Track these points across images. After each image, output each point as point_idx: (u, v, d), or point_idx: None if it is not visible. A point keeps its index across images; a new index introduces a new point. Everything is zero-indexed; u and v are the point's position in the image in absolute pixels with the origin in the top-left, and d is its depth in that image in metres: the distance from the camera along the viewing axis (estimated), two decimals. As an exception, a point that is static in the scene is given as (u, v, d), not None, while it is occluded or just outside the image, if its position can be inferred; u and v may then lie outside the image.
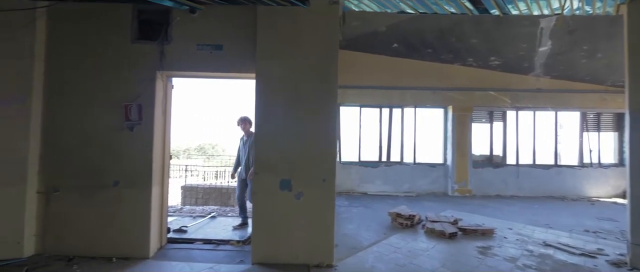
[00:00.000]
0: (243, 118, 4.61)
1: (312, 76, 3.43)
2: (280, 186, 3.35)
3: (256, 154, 3.44)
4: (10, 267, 3.11)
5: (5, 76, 3.37)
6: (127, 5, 3.58)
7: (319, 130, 3.39)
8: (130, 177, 3.48)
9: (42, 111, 3.51)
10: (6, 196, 3.32)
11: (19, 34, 3.39)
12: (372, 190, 7.54)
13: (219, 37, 3.63)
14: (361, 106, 7.85)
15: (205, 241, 3.91)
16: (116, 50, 3.56)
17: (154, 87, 3.55)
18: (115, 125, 3.49)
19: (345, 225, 4.83)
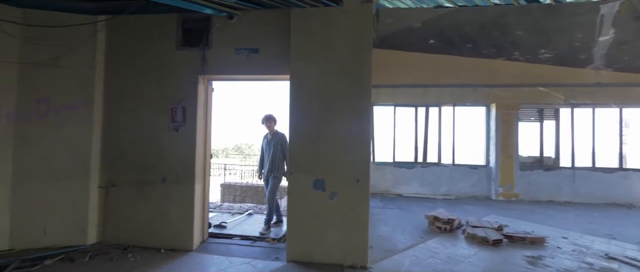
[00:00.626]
0: (268, 116, 4.50)
1: (345, 76, 3.42)
2: (313, 185, 3.38)
3: (290, 154, 3.50)
4: (76, 253, 3.51)
5: (71, 84, 3.81)
6: (173, 16, 3.86)
7: (352, 131, 3.37)
8: (176, 175, 3.74)
9: (102, 115, 3.92)
10: (73, 189, 3.76)
11: (83, 46, 3.81)
12: (407, 192, 7.30)
13: (255, 41, 3.77)
14: (395, 106, 7.66)
15: (242, 237, 4.08)
16: (163, 57, 3.85)
17: (196, 91, 3.78)
18: (163, 127, 3.78)
19: (380, 227, 4.73)
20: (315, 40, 3.49)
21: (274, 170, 4.37)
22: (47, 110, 3.74)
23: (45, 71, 3.71)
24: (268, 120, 4.49)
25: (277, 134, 4.45)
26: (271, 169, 4.38)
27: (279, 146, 4.38)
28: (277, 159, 4.37)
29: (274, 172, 4.36)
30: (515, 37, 5.78)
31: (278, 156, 4.38)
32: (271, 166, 4.37)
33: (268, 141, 4.52)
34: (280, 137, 4.42)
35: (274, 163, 4.36)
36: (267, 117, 4.50)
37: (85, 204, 3.77)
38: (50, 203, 3.70)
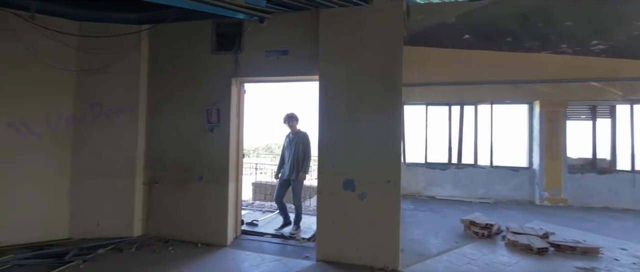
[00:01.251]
0: (290, 115, 4.38)
1: (375, 75, 3.36)
2: (343, 185, 3.37)
3: (319, 154, 3.51)
4: (124, 243, 3.81)
5: (119, 89, 4.15)
6: (207, 22, 4.05)
7: (382, 131, 3.31)
8: (211, 173, 3.92)
9: (146, 117, 4.22)
10: (121, 186, 4.09)
11: (130, 54, 4.14)
12: (440, 194, 7.01)
13: (285, 43, 3.84)
14: (427, 104, 7.38)
15: (273, 235, 4.17)
16: (199, 61, 4.06)
17: (229, 93, 3.94)
18: (199, 127, 3.99)
19: (412, 230, 4.59)
20: (344, 39, 3.47)
21: (295, 170, 4.27)
22: (99, 113, 4.11)
23: (98, 77, 4.08)
24: (290, 119, 4.38)
25: (299, 133, 4.38)
26: (292, 169, 4.28)
27: (301, 146, 4.30)
28: (299, 159, 4.28)
29: (296, 173, 4.27)
30: (563, 28, 5.32)
31: (299, 155, 4.30)
32: (292, 166, 4.28)
33: (290, 140, 4.42)
34: (302, 137, 4.34)
35: (295, 163, 4.26)
36: (288, 116, 4.40)
37: (131, 200, 4.09)
38: (102, 198, 4.06)
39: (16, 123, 3.76)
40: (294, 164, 4.27)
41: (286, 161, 4.39)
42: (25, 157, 3.78)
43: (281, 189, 4.41)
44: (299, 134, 4.37)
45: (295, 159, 4.27)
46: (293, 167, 4.26)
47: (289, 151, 4.36)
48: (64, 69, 3.93)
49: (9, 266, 3.11)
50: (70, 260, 3.26)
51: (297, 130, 4.39)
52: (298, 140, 4.31)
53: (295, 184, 4.30)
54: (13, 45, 3.70)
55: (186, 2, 3.28)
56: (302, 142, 4.32)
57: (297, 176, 4.26)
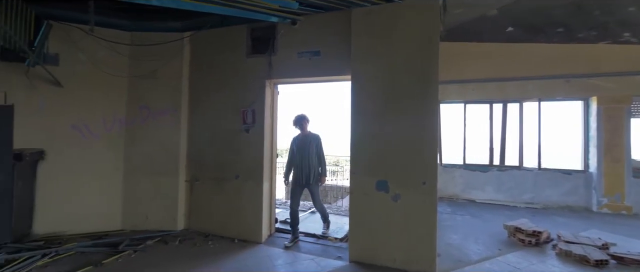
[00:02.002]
0: (302, 117, 4.14)
1: (409, 73, 3.26)
2: (376, 186, 3.31)
3: (351, 154, 3.48)
4: (169, 236, 4.09)
5: (164, 93, 4.46)
6: (243, 27, 4.22)
7: (417, 130, 3.20)
8: (247, 172, 4.07)
9: (187, 118, 4.50)
10: (166, 183, 4.39)
11: (173, 60, 4.44)
12: (480, 197, 6.61)
13: (317, 44, 3.87)
14: (466, 103, 7.00)
15: (306, 234, 4.22)
16: (235, 65, 4.24)
17: (263, 94, 4.06)
18: (235, 128, 4.16)
19: (449, 234, 4.38)
20: (376, 38, 3.42)
21: (312, 174, 4.02)
22: (147, 116, 4.46)
23: (146, 82, 4.43)
24: (301, 120, 4.12)
25: (310, 134, 4.13)
26: (308, 173, 4.01)
27: (314, 149, 4.07)
28: (313, 162, 4.04)
29: (312, 177, 4.02)
30: (625, 15, 4.75)
31: (313, 158, 4.05)
32: (307, 169, 4.00)
33: (300, 143, 4.10)
34: (315, 139, 4.10)
35: (310, 166, 4.01)
36: (300, 117, 4.14)
37: (175, 196, 4.38)
38: (150, 194, 4.40)
39: (79, 125, 4.21)
40: (309, 167, 4.01)
41: (298, 164, 4.07)
42: (86, 156, 4.22)
43: (297, 195, 4.08)
44: (310, 136, 4.12)
45: (310, 162, 4.02)
46: (309, 170, 4.01)
47: (301, 154, 4.06)
48: (117, 76, 4.32)
49: (73, 253, 3.49)
50: (123, 249, 3.58)
51: (308, 132, 4.16)
52: (309, 142, 4.07)
53: (313, 187, 4.09)
54: (76, 55, 4.15)
55: (223, 9, 3.44)
56: (315, 144, 4.09)
57: (314, 180, 4.04)
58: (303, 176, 4.02)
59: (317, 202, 4.20)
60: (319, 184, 4.14)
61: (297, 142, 4.13)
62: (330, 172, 9.95)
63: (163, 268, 3.23)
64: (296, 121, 4.14)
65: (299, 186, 4.07)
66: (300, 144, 4.08)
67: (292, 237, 3.97)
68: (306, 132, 4.14)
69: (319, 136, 4.16)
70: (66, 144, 4.13)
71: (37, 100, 3.97)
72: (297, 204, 4.08)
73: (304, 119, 4.14)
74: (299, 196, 4.12)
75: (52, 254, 3.39)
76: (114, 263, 3.30)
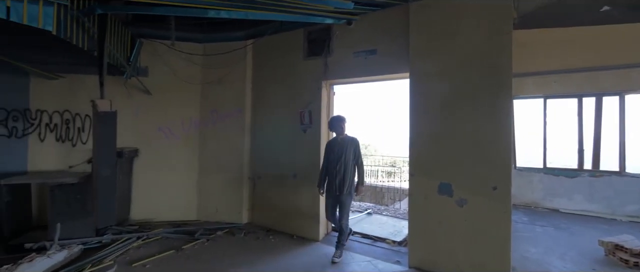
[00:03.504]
0: (340, 118, 3.65)
1: (476, 67, 2.98)
2: (438, 189, 3.10)
3: (411, 155, 3.32)
4: (235, 229, 4.46)
5: (231, 96, 4.88)
6: (300, 31, 4.36)
7: (487, 130, 2.90)
8: (304, 171, 4.20)
9: (250, 120, 4.84)
10: (232, 179, 4.79)
11: (237, 66, 4.82)
12: (566, 207, 5.69)
13: (373, 43, 3.80)
14: (546, 97, 6.09)
15: (363, 235, 4.18)
16: (292, 67, 4.41)
17: (320, 95, 4.14)
18: (294, 128, 4.33)
19: (526, 246, 3.87)
20: (437, 32, 3.20)
21: (346, 183, 3.48)
22: (216, 118, 4.93)
23: (215, 88, 4.90)
24: (339, 122, 3.63)
25: (346, 138, 3.61)
26: (342, 182, 3.47)
27: (352, 154, 3.54)
28: (350, 170, 3.52)
29: (346, 187, 3.48)
30: None
31: (350, 165, 3.52)
32: (342, 178, 3.48)
33: (335, 147, 3.59)
34: (353, 142, 3.59)
35: (346, 174, 3.48)
36: (338, 118, 3.66)
37: (240, 192, 4.76)
38: (219, 189, 4.85)
39: (163, 128, 4.86)
40: (344, 174, 3.48)
41: (331, 171, 3.55)
42: (169, 154, 4.86)
43: (333, 206, 3.60)
44: (346, 140, 3.59)
45: (346, 169, 3.49)
46: (343, 178, 3.48)
47: (336, 160, 3.53)
48: (192, 83, 4.87)
49: (159, 238, 4.05)
50: (198, 237, 4.02)
51: (345, 135, 3.63)
52: (346, 146, 3.54)
53: (345, 199, 3.50)
54: (160, 67, 4.80)
55: (282, 15, 3.61)
56: (353, 150, 3.56)
57: (347, 190, 3.48)
58: (336, 184, 3.48)
59: (344, 216, 3.54)
60: (353, 195, 3.58)
61: (333, 147, 3.61)
62: (386, 174, 9.68)
63: (231, 257, 3.52)
64: (334, 123, 3.65)
65: (331, 196, 3.56)
66: (336, 148, 3.57)
67: (337, 250, 3.52)
68: (343, 135, 3.63)
69: (356, 139, 3.64)
70: (154, 143, 4.81)
71: (132, 106, 4.70)
72: (333, 213, 3.60)
73: (341, 120, 3.64)
74: (333, 207, 3.59)
75: (144, 237, 3.98)
76: (191, 249, 3.73)
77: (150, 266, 3.26)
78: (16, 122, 4.43)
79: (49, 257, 3.05)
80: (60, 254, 3.17)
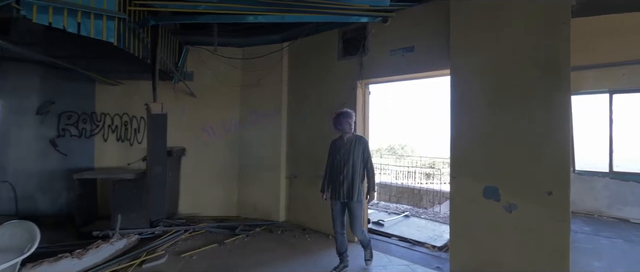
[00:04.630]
0: (347, 113, 3.16)
1: (527, 61, 2.74)
2: (484, 193, 2.90)
3: (453, 156, 3.15)
4: (273, 226, 4.60)
5: (268, 97, 5.04)
6: (335, 31, 4.37)
7: (540, 129, 2.66)
8: (340, 172, 4.18)
9: (286, 120, 4.96)
10: (270, 178, 4.95)
11: (275, 68, 4.96)
12: (637, 216, 5.00)
13: (410, 40, 3.69)
14: (612, 92, 5.40)
15: (400, 238, 4.06)
16: (327, 68, 4.43)
17: (355, 95, 4.11)
18: (328, 128, 4.33)
19: (588, 259, 3.47)
20: (480, 24, 3.00)
21: (356, 189, 3.05)
22: (255, 119, 5.13)
23: (253, 90, 5.10)
24: (345, 118, 3.13)
25: (354, 137, 3.17)
26: (351, 188, 3.04)
27: (360, 156, 3.10)
28: (358, 175, 3.08)
29: (356, 193, 3.05)
30: None
31: (359, 168, 3.10)
32: (350, 182, 3.06)
33: (340, 148, 3.16)
34: (362, 142, 3.15)
35: (355, 179, 3.06)
36: (344, 114, 3.16)
37: (278, 190, 4.90)
38: (257, 187, 5.04)
39: (207, 128, 5.18)
40: (353, 178, 3.06)
41: (337, 175, 3.13)
42: (212, 153, 5.16)
43: (340, 215, 3.16)
44: (353, 139, 3.15)
45: (354, 173, 3.06)
46: (351, 183, 3.06)
47: (343, 162, 3.11)
48: (233, 86, 5.12)
49: (204, 232, 4.32)
50: (238, 233, 4.22)
51: (351, 134, 3.18)
52: (353, 146, 3.10)
53: (355, 206, 3.06)
54: (204, 71, 5.12)
55: (318, 17, 3.65)
56: (361, 151, 3.11)
57: (357, 197, 3.06)
58: (343, 190, 3.07)
59: (357, 227, 3.12)
60: (363, 202, 3.17)
61: (338, 147, 3.18)
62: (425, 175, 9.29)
63: (270, 253, 3.64)
64: (338, 120, 3.16)
65: (338, 202, 3.13)
66: (342, 149, 3.14)
67: (340, 264, 3.19)
68: (349, 133, 3.17)
69: (365, 138, 3.24)
70: (198, 143, 5.14)
71: (180, 108, 5.07)
72: (341, 224, 3.15)
73: (347, 115, 3.15)
74: (341, 216, 3.15)
75: (191, 230, 4.28)
76: (232, 243, 3.92)
77: (196, 257, 3.50)
78: (85, 124, 5.03)
79: (112, 245, 3.42)
80: (121, 242, 3.53)
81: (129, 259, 3.30)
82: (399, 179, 9.52)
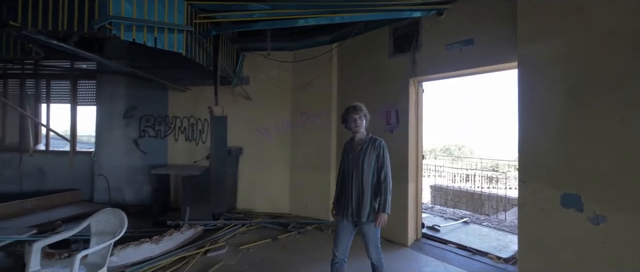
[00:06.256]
0: (353, 107, 2.50)
1: (620, 48, 2.32)
2: (562, 201, 2.54)
3: (523, 157, 2.81)
4: (323, 225, 4.66)
5: (319, 98, 5.12)
6: (385, 29, 4.25)
7: (638, 126, 2.23)
8: (392, 172, 4.05)
9: (336, 120, 4.98)
10: (320, 177, 5.03)
11: (325, 69, 5.03)
12: None
13: (469, 32, 3.42)
14: None
15: (459, 246, 3.78)
16: (378, 66, 4.33)
17: (407, 94, 3.95)
18: (380, 128, 4.24)
19: None
20: (557, 9, 2.63)
21: (366, 206, 2.36)
22: (306, 119, 5.26)
23: (304, 92, 5.23)
24: (352, 113, 2.48)
25: (366, 139, 2.49)
26: (360, 204, 2.38)
27: (373, 163, 2.40)
28: (368, 188, 2.38)
29: (368, 211, 2.36)
30: None
31: (371, 179, 2.40)
32: (359, 196, 2.39)
33: (349, 153, 2.53)
34: (376, 146, 2.43)
35: (365, 193, 2.38)
36: (353, 108, 2.50)
37: (327, 190, 4.95)
38: (309, 186, 5.17)
39: (261, 129, 5.48)
40: (362, 191, 2.39)
41: (345, 187, 2.50)
42: (266, 153, 5.44)
43: (342, 236, 2.49)
44: (366, 142, 2.47)
45: (364, 184, 2.39)
46: (361, 197, 2.39)
47: (350, 171, 2.47)
48: (285, 88, 5.33)
49: (259, 227, 4.57)
50: (291, 230, 4.37)
51: (364, 134, 2.52)
52: (365, 151, 2.42)
53: (367, 229, 2.40)
54: (258, 75, 5.42)
55: (369, 15, 3.59)
56: (375, 154, 2.41)
57: (369, 216, 2.37)
58: (352, 206, 2.41)
59: (372, 249, 2.45)
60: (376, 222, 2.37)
61: (348, 152, 2.55)
62: (487, 179, 8.46)
63: (320, 251, 3.70)
64: (350, 114, 2.49)
65: (345, 220, 2.47)
66: (351, 153, 2.50)
67: None
68: (361, 133, 2.51)
69: (381, 141, 2.48)
70: (254, 142, 5.47)
71: (237, 110, 5.45)
72: (343, 249, 2.48)
73: (356, 110, 2.48)
74: (345, 238, 2.48)
75: (247, 225, 4.57)
76: (285, 240, 4.08)
77: (253, 250, 3.72)
78: (160, 126, 5.73)
79: (182, 233, 3.83)
80: (189, 232, 3.94)
81: (196, 248, 3.66)
82: (456, 182, 8.86)
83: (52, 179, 5.88)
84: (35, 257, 2.26)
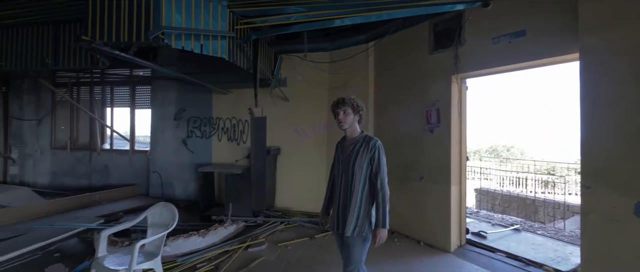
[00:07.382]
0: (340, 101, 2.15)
1: None
2: (636, 210, 2.23)
3: (586, 159, 2.51)
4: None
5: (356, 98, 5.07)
6: (424, 24, 4.08)
7: None
8: (432, 174, 3.90)
9: (373, 120, 4.91)
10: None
11: (361, 69, 4.97)
12: None
13: (519, 23, 3.15)
14: None
15: (508, 255, 3.50)
16: (417, 64, 4.17)
17: (449, 92, 3.75)
18: (419, 128, 4.09)
19: None
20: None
21: (352, 216, 2.04)
22: (342, 120, 5.25)
23: (340, 92, 5.18)
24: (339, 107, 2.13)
25: (360, 138, 2.15)
26: (345, 213, 2.07)
27: (365, 167, 2.07)
28: (356, 197, 2.06)
29: (353, 224, 2.04)
30: None
31: (358, 187, 2.06)
32: (346, 206, 2.08)
33: (340, 154, 2.24)
34: (370, 147, 2.08)
35: (351, 202, 2.06)
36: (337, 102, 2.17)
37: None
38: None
39: (299, 129, 5.58)
40: (350, 199, 2.07)
41: (334, 194, 2.25)
42: (302, 152, 5.53)
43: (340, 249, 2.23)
44: (358, 142, 2.13)
45: (352, 194, 2.07)
46: (347, 206, 2.08)
47: (339, 176, 2.19)
48: (321, 89, 5.37)
49: (296, 225, 4.67)
50: (327, 230, 4.39)
51: (358, 132, 2.18)
52: (356, 153, 2.10)
53: (354, 243, 2.06)
54: (295, 77, 5.53)
55: (406, 11, 3.48)
56: (368, 160, 2.08)
57: (356, 229, 2.05)
58: (338, 217, 2.13)
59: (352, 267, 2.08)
60: (367, 239, 2.08)
61: (338, 152, 2.28)
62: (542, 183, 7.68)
63: (356, 253, 3.67)
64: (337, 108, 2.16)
65: (339, 235, 2.16)
66: (342, 155, 2.21)
67: None
68: (353, 130, 2.17)
69: (377, 141, 2.12)
70: (291, 143, 5.59)
71: (276, 111, 5.62)
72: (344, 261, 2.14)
73: (340, 104, 2.14)
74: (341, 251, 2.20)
75: (286, 223, 4.69)
76: (322, 239, 4.12)
77: (291, 248, 3.81)
78: (205, 127, 6.13)
79: (226, 229, 4.05)
80: (232, 227, 4.15)
81: (238, 243, 3.85)
82: (504, 186, 8.20)
83: (115, 174, 6.61)
84: (103, 244, 2.56)
